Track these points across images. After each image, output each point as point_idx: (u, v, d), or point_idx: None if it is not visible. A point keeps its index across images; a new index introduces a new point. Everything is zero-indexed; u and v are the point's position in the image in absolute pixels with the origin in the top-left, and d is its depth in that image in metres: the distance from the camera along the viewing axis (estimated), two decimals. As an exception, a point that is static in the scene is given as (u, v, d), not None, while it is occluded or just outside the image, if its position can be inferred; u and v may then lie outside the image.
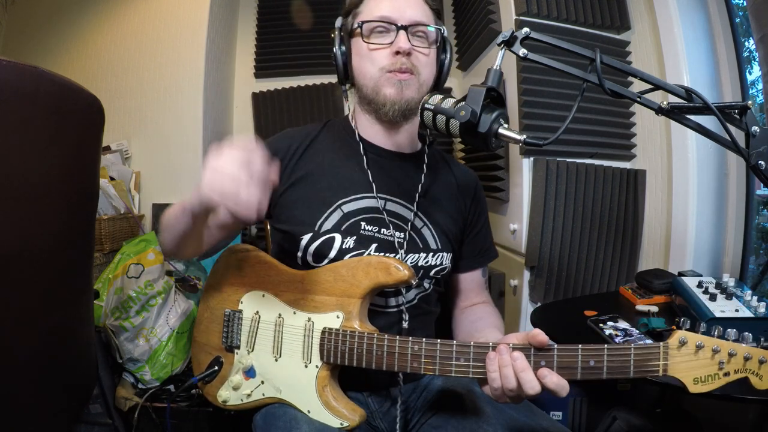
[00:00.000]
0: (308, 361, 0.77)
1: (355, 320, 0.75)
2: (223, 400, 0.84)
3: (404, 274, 0.75)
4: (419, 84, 0.85)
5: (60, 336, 0.88)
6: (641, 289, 1.16)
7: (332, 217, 0.84)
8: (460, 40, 2.09)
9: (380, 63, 0.84)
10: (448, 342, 0.68)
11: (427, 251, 0.88)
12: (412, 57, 0.84)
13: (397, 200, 0.88)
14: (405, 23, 0.83)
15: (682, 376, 0.58)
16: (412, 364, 0.69)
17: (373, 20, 0.84)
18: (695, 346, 0.58)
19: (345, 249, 0.83)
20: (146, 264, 1.54)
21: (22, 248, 0.71)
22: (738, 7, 1.32)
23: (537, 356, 0.63)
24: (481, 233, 1.00)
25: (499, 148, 0.84)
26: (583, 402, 1.35)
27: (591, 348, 0.61)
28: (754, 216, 1.33)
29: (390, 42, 0.84)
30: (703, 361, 0.58)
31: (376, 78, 0.84)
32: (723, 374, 0.58)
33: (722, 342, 0.58)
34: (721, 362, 0.58)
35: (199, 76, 1.96)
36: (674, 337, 0.59)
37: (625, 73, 0.72)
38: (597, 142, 1.45)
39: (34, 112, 0.68)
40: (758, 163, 0.65)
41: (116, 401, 1.40)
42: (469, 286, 0.99)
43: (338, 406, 0.74)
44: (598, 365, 0.60)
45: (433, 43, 0.87)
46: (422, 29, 0.86)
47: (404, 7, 0.85)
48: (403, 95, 0.83)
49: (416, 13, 0.85)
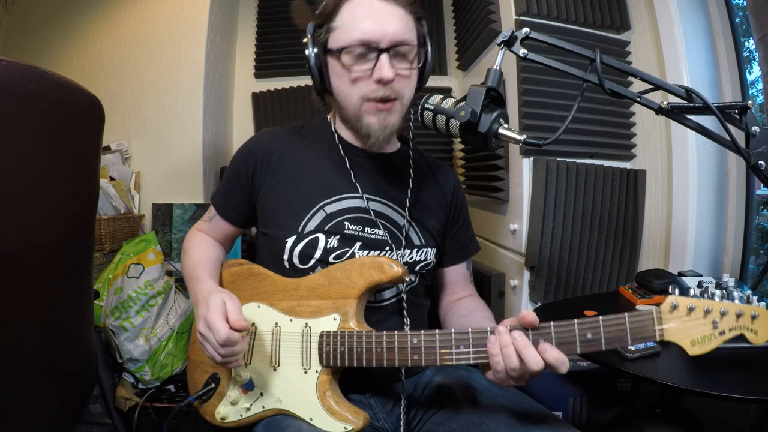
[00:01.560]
0: (308, 367, 0.77)
1: (352, 320, 0.76)
2: (221, 417, 0.82)
3: (397, 272, 0.76)
4: (402, 106, 0.83)
5: (60, 336, 0.88)
6: (641, 289, 1.16)
7: (315, 218, 0.85)
8: (460, 40, 2.09)
9: (360, 90, 0.80)
10: (446, 331, 0.68)
11: (411, 248, 0.89)
12: (395, 82, 0.79)
13: (380, 199, 0.88)
14: (386, 45, 0.77)
15: (679, 339, 0.59)
16: (413, 357, 0.69)
17: (351, 45, 0.77)
18: (687, 309, 0.59)
19: (329, 249, 0.84)
20: (146, 264, 1.54)
21: (22, 248, 0.71)
22: (738, 7, 1.32)
23: (534, 335, 0.64)
24: (463, 228, 1.01)
25: (499, 148, 0.84)
26: (583, 402, 1.35)
27: (586, 321, 0.62)
28: (754, 216, 1.33)
29: (370, 68, 0.78)
30: (696, 322, 0.59)
31: (357, 105, 0.81)
32: (719, 333, 0.59)
33: (713, 302, 0.59)
34: (715, 321, 0.59)
35: (199, 76, 1.96)
36: (665, 302, 0.60)
37: (625, 73, 0.72)
38: (597, 142, 1.45)
39: (34, 112, 0.68)
40: (758, 163, 0.65)
41: (116, 401, 1.40)
42: (455, 279, 1.01)
43: (341, 411, 0.74)
44: (595, 337, 0.61)
45: (415, 58, 0.81)
46: (405, 48, 0.79)
47: (385, 23, 0.76)
48: (386, 123, 0.82)
49: (399, 27, 0.77)
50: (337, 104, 0.88)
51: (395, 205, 0.89)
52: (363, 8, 0.77)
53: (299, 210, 0.85)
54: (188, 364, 0.96)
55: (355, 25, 0.77)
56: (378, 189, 0.89)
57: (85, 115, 0.81)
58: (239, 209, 0.94)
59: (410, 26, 0.80)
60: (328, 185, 0.87)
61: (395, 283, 0.81)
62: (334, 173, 0.88)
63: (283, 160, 0.89)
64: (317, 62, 0.83)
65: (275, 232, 0.86)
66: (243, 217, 0.95)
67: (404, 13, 0.79)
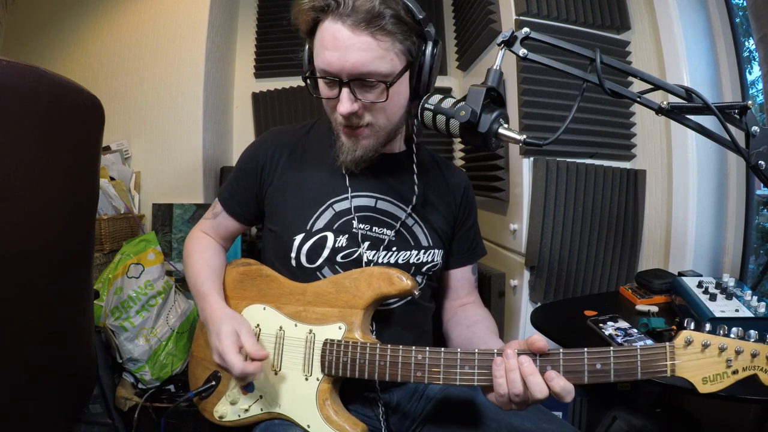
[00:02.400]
0: (309, 374, 0.77)
1: (357, 331, 0.75)
2: (219, 416, 0.82)
3: (407, 285, 0.75)
4: (378, 129, 0.80)
5: (60, 336, 0.88)
6: (641, 289, 1.16)
7: (324, 215, 0.85)
8: (460, 40, 2.09)
9: (332, 113, 0.79)
10: (452, 350, 0.67)
11: (418, 248, 0.88)
12: (364, 111, 0.76)
13: (388, 198, 0.88)
14: (346, 77, 0.72)
15: (691, 376, 0.58)
16: (416, 373, 0.68)
17: (318, 74, 0.75)
18: (701, 345, 0.57)
19: (338, 248, 0.83)
20: (146, 264, 1.54)
21: (21, 248, 0.71)
22: (738, 7, 1.32)
23: (543, 361, 0.62)
24: (471, 231, 1.00)
25: (499, 148, 0.83)
26: (583, 402, 1.35)
27: (597, 351, 0.60)
28: (754, 216, 1.33)
29: (337, 96, 0.75)
30: (710, 359, 0.57)
31: (335, 122, 0.81)
32: (731, 372, 0.57)
33: (728, 340, 0.57)
34: (729, 360, 0.57)
35: (199, 76, 1.96)
36: (680, 336, 0.58)
37: (625, 73, 0.72)
38: (597, 142, 1.45)
39: (34, 112, 0.68)
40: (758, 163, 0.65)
41: (116, 401, 1.40)
42: (459, 283, 1.00)
43: (339, 421, 0.73)
44: (604, 368, 0.60)
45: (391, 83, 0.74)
46: (371, 80, 0.73)
47: (344, 54, 0.71)
48: (357, 146, 0.80)
49: (360, 59, 0.71)
50: None
51: (403, 204, 0.89)
52: (327, 35, 0.72)
53: (308, 208, 0.85)
54: (190, 359, 0.96)
55: (320, 53, 0.73)
56: (386, 188, 0.89)
57: (85, 115, 0.81)
58: (246, 206, 0.94)
59: (379, 54, 0.71)
60: (337, 184, 0.87)
61: (404, 296, 0.81)
62: (342, 172, 0.87)
63: (292, 159, 0.89)
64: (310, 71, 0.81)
65: (283, 229, 0.86)
66: (250, 214, 0.95)
67: (371, 41, 0.70)
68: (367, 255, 0.84)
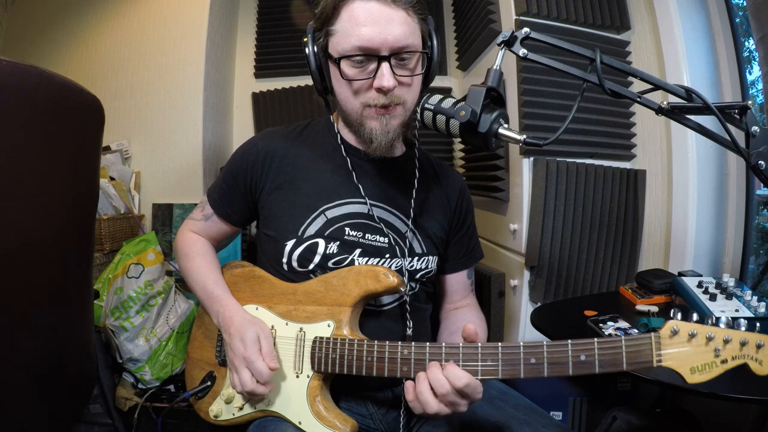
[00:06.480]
0: (299, 371, 0.78)
1: (345, 328, 0.76)
2: (214, 415, 0.84)
3: (393, 282, 0.76)
4: (405, 110, 0.80)
5: (60, 336, 0.88)
6: (641, 289, 1.16)
7: (315, 222, 0.84)
8: (460, 40, 2.09)
9: (361, 97, 0.78)
10: (437, 345, 0.67)
11: (412, 255, 0.87)
12: (396, 89, 0.76)
13: (382, 205, 0.87)
14: (387, 52, 0.73)
15: (678, 366, 0.57)
16: (402, 368, 0.69)
17: (350, 54, 0.74)
18: (688, 335, 0.56)
19: (328, 254, 0.83)
20: (146, 264, 1.54)
21: (21, 248, 0.71)
22: (738, 7, 1.32)
23: (447, 356, 0.66)
24: (467, 235, 0.99)
25: (499, 148, 0.84)
26: (583, 402, 1.35)
27: (581, 342, 0.60)
28: (754, 216, 1.33)
29: (370, 76, 0.75)
30: (697, 349, 0.56)
31: (358, 111, 0.79)
32: (720, 362, 0.56)
33: (716, 329, 0.56)
34: (717, 349, 0.56)
35: (199, 76, 1.96)
36: (666, 326, 0.57)
37: (625, 73, 0.72)
38: (597, 142, 1.45)
39: (34, 112, 0.68)
40: (758, 163, 0.65)
41: (116, 401, 1.40)
42: (454, 288, 0.99)
43: (329, 417, 0.74)
44: (589, 359, 0.59)
45: (418, 63, 0.79)
46: (408, 54, 0.75)
47: (386, 28, 0.72)
48: (389, 127, 0.79)
49: (401, 33, 0.73)
50: (338, 107, 0.86)
51: (398, 211, 0.88)
52: (362, 12, 0.72)
53: (300, 214, 0.84)
54: (187, 360, 0.97)
55: (354, 31, 0.73)
56: (381, 194, 0.87)
57: (85, 115, 0.81)
58: (237, 209, 0.92)
59: (413, 29, 0.75)
60: (330, 189, 0.85)
61: (391, 293, 0.81)
62: (336, 177, 0.86)
63: (285, 162, 0.88)
64: (317, 63, 0.81)
65: (276, 234, 0.86)
66: (242, 217, 0.94)
67: (406, 16, 0.74)
68: (359, 262, 0.84)
